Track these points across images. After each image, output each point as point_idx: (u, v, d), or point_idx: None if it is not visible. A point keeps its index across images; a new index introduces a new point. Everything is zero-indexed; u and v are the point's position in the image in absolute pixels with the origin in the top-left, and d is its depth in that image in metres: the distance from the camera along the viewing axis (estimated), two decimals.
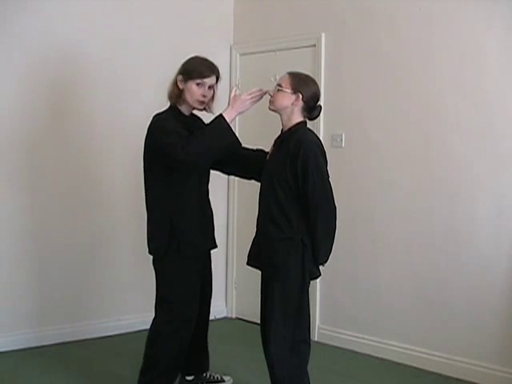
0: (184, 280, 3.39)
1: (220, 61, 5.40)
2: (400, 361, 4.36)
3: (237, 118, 5.44)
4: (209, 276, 3.72)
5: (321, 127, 4.83)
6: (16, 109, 4.43)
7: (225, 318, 5.50)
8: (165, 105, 3.53)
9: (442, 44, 4.22)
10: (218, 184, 5.47)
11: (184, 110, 3.46)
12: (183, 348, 3.46)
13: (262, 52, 5.29)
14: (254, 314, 3.55)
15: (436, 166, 4.25)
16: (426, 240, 4.29)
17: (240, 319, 5.45)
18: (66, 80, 4.65)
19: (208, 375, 3.80)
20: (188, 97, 3.39)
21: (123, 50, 4.89)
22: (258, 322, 3.28)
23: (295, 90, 3.14)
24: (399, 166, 4.44)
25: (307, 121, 3.24)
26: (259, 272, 3.25)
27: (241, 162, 3.57)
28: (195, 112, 3.56)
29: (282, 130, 3.24)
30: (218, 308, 5.50)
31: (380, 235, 4.54)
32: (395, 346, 4.41)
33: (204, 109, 3.51)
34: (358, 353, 4.58)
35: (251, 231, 3.28)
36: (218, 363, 4.25)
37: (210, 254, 3.70)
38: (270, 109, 3.22)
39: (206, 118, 3.48)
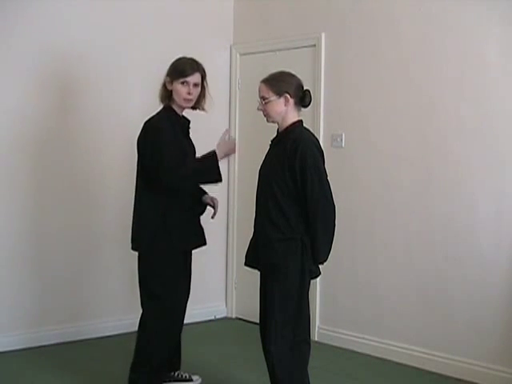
0: (174, 275, 3.46)
1: (220, 61, 5.49)
2: (400, 361, 4.36)
3: (236, 118, 5.52)
4: (188, 276, 3.70)
5: (321, 127, 4.84)
6: (15, 110, 4.43)
7: (225, 318, 5.50)
8: None
9: (442, 44, 4.21)
10: (218, 184, 5.46)
11: (177, 110, 3.55)
12: (174, 344, 3.56)
13: (262, 52, 5.29)
14: (254, 314, 3.55)
15: (436, 166, 4.25)
16: (425, 240, 4.29)
17: (240, 319, 5.45)
18: (68, 81, 4.65)
19: (176, 374, 3.78)
20: (176, 97, 3.49)
21: (124, 51, 4.89)
22: (258, 321, 3.28)
23: (280, 93, 3.13)
24: (399, 165, 4.43)
25: (302, 120, 3.23)
26: (259, 272, 3.25)
27: None
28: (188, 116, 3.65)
29: (277, 130, 3.24)
30: (218, 308, 5.51)
31: (380, 235, 4.54)
32: (395, 345, 4.41)
33: (194, 108, 3.62)
34: (357, 353, 4.57)
35: (251, 231, 3.28)
36: (218, 363, 4.26)
37: (191, 255, 3.71)
38: (269, 121, 3.23)
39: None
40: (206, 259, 5.28)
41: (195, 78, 3.48)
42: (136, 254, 3.57)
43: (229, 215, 5.52)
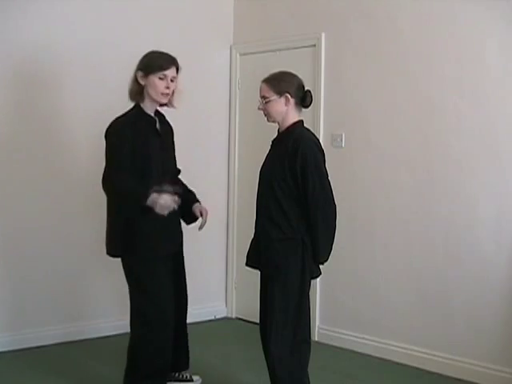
0: (152, 282, 3.37)
1: (220, 61, 5.48)
2: (400, 361, 4.36)
3: (236, 118, 5.50)
4: (181, 279, 3.65)
5: (321, 127, 4.84)
6: None
7: (225, 318, 5.50)
8: None
9: (443, 44, 4.21)
10: (218, 184, 5.47)
11: (147, 107, 3.45)
12: (164, 351, 3.40)
13: (262, 52, 5.29)
14: (254, 314, 3.55)
15: (436, 166, 4.25)
16: (426, 240, 4.29)
17: (240, 319, 5.45)
18: (68, 81, 4.66)
19: (177, 374, 3.73)
20: (151, 92, 3.39)
21: (123, 50, 4.88)
22: (258, 321, 3.28)
23: (281, 93, 3.14)
24: (399, 165, 4.43)
25: (303, 120, 3.23)
26: (259, 272, 3.25)
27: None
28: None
29: (278, 130, 3.24)
30: (218, 308, 5.51)
31: (380, 235, 4.54)
32: (395, 345, 4.41)
33: (166, 104, 3.50)
34: (358, 353, 4.57)
35: (251, 231, 3.28)
36: (218, 363, 4.26)
37: (182, 259, 3.64)
38: (269, 121, 3.23)
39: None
40: (206, 259, 5.29)
41: (172, 71, 3.41)
42: None
43: (229, 215, 5.52)
